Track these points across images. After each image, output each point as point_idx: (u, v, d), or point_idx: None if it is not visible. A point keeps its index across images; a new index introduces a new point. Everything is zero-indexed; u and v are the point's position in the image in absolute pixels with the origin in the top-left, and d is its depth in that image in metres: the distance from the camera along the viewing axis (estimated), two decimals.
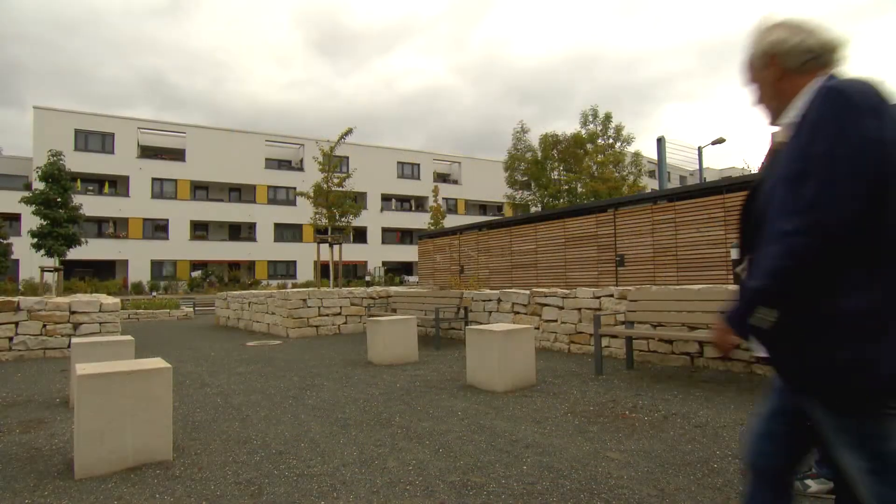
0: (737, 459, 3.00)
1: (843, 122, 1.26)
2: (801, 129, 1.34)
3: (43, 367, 6.89)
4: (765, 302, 1.32)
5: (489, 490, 2.66)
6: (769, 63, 1.52)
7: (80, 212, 20.31)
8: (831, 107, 1.29)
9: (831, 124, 1.27)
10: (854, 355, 1.25)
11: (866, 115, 1.25)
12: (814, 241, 1.24)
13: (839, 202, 1.22)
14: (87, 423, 2.96)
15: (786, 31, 1.49)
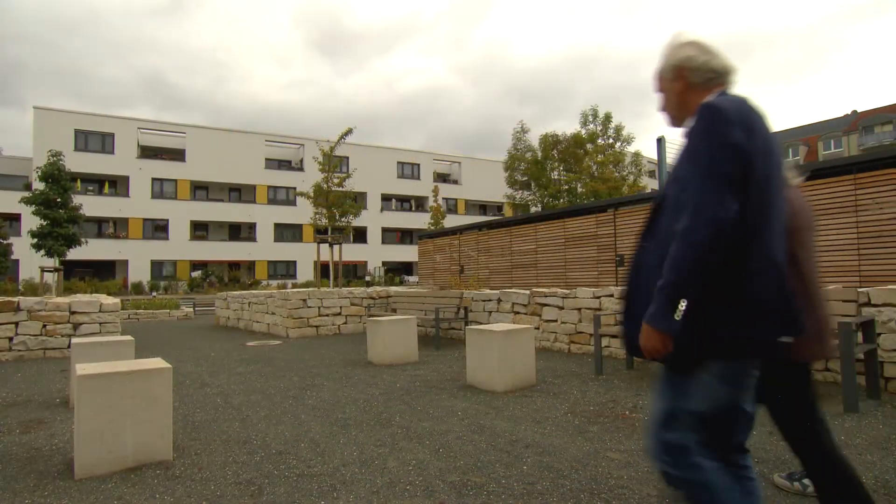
0: None
1: (716, 132, 1.47)
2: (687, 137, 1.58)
3: (43, 367, 6.89)
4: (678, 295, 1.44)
5: (489, 490, 2.66)
6: (678, 76, 1.71)
7: (80, 212, 20.30)
8: (708, 119, 1.51)
9: (707, 134, 1.49)
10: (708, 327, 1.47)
11: (735, 126, 1.47)
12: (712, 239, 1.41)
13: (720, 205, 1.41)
14: (87, 423, 2.96)
15: (695, 49, 1.69)
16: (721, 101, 1.54)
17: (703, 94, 1.65)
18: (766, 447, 3.20)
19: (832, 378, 4.79)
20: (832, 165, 9.28)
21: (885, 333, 4.44)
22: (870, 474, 2.74)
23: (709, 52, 1.69)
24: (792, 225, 1.91)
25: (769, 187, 1.51)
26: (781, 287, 1.52)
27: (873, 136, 47.37)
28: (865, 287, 4.79)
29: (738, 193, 1.44)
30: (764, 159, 1.50)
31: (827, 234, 8.67)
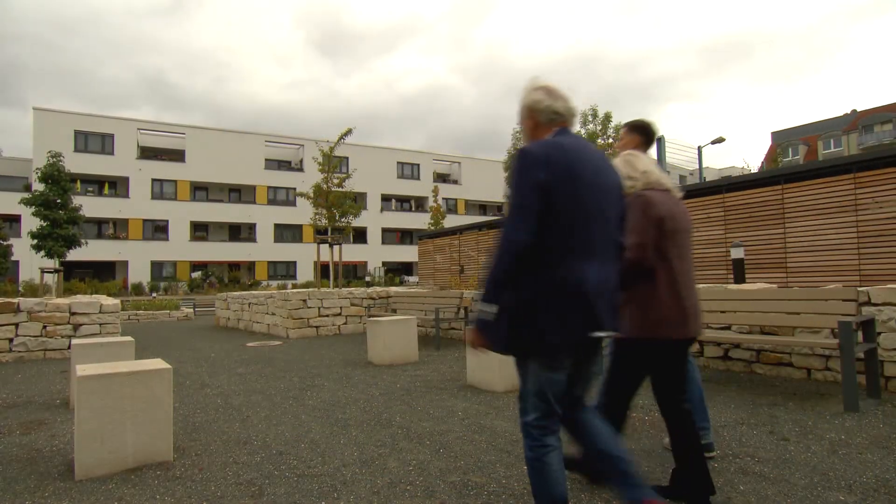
0: (737, 459, 3.00)
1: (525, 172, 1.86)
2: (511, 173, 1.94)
3: (43, 368, 6.89)
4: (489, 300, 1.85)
5: (490, 490, 2.66)
6: (529, 116, 2.09)
7: (79, 213, 20.30)
8: (521, 162, 1.90)
9: (519, 174, 1.87)
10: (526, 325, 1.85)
11: (540, 168, 1.84)
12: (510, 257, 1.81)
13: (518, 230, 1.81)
14: (87, 424, 2.96)
15: (543, 94, 2.05)
16: (532, 147, 1.92)
17: (548, 130, 2.03)
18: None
19: (832, 377, 4.79)
20: (832, 165, 9.29)
21: (885, 332, 4.44)
22: (870, 473, 2.74)
23: (554, 97, 2.06)
24: (665, 228, 2.37)
25: (574, 212, 1.87)
26: (586, 292, 1.85)
27: (873, 135, 47.36)
28: (865, 286, 4.80)
29: (538, 221, 1.82)
30: (569, 191, 1.86)
31: (827, 234, 8.67)
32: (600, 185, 1.96)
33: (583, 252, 1.88)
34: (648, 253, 2.35)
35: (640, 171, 2.53)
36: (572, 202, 1.87)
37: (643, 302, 2.36)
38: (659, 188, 2.50)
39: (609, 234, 1.98)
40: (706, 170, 36.32)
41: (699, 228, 10.48)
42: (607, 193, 1.99)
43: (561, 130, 2.03)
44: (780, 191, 9.27)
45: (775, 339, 4.48)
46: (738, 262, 7.94)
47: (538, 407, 1.95)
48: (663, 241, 2.38)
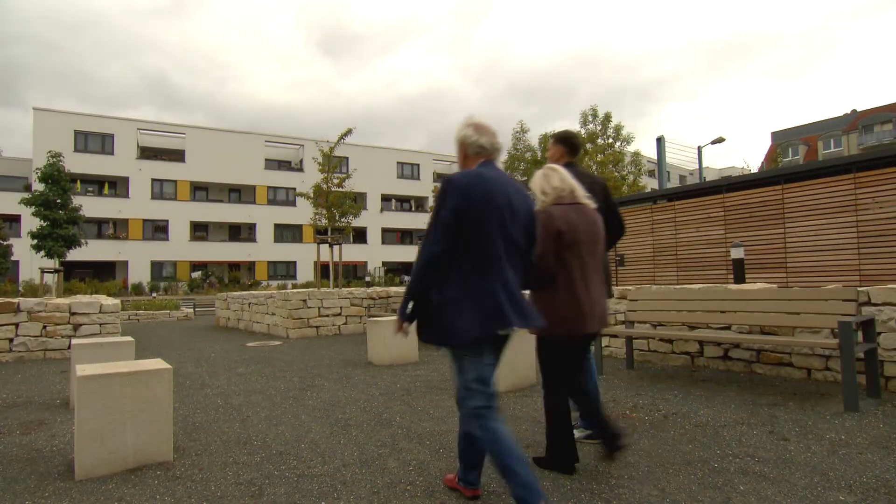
0: (737, 459, 3.00)
1: (445, 197, 2.27)
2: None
3: (43, 368, 6.89)
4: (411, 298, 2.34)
5: (489, 490, 2.66)
6: (460, 148, 2.51)
7: (79, 213, 20.30)
8: (444, 188, 2.31)
9: (441, 198, 2.29)
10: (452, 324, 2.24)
11: (457, 194, 2.26)
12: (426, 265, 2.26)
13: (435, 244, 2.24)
14: (87, 424, 2.96)
15: (472, 130, 2.46)
16: (455, 176, 2.34)
17: (475, 161, 2.45)
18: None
19: (832, 377, 4.79)
20: (832, 165, 9.29)
21: (885, 332, 4.44)
22: (870, 474, 2.74)
23: (481, 133, 2.45)
24: (565, 240, 2.73)
25: (489, 231, 2.28)
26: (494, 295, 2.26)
27: (873, 135, 47.35)
28: (865, 286, 4.80)
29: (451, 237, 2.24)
30: (479, 214, 2.26)
31: (827, 234, 8.67)
32: (512, 208, 2.36)
33: (494, 263, 2.30)
34: (548, 261, 2.73)
35: (551, 187, 2.87)
36: (486, 223, 2.29)
37: (545, 303, 2.75)
38: (568, 202, 2.84)
39: (517, 249, 2.40)
40: (706, 170, 36.33)
41: (699, 228, 10.47)
42: (518, 215, 2.39)
43: (485, 162, 2.44)
44: (780, 191, 9.27)
45: (775, 339, 4.48)
46: (738, 261, 7.94)
47: (481, 391, 2.34)
48: (563, 251, 2.74)
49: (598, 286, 2.85)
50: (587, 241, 2.80)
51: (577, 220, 2.80)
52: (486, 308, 2.24)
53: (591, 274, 2.81)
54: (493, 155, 2.48)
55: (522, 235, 2.42)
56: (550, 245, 2.73)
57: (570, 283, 2.74)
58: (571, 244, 2.75)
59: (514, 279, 2.36)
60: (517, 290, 2.35)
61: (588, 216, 2.86)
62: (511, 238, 2.35)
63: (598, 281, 2.86)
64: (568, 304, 2.73)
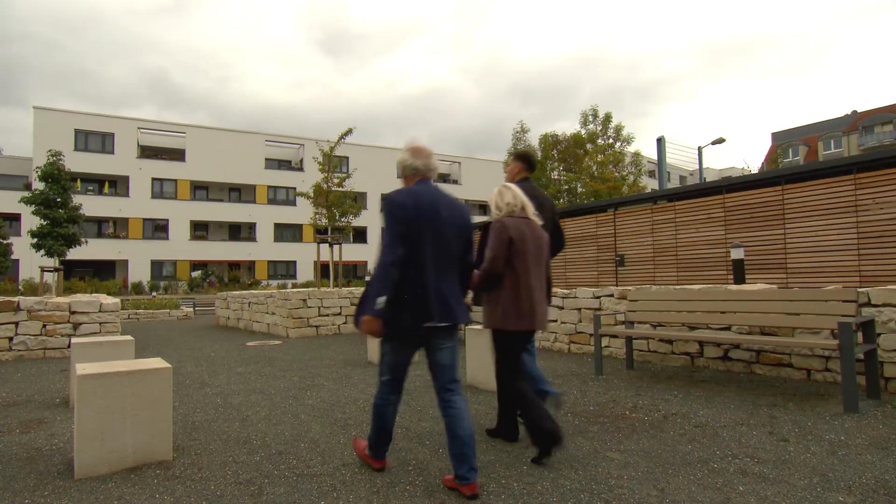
0: (737, 459, 3.00)
1: (390, 211, 2.67)
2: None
3: (43, 367, 6.89)
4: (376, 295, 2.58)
5: (489, 490, 2.66)
6: (401, 170, 2.91)
7: (79, 212, 20.29)
8: (387, 204, 2.70)
9: (386, 212, 2.68)
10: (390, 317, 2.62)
11: (398, 208, 2.66)
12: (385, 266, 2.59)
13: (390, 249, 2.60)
14: (87, 423, 2.96)
15: (409, 154, 2.86)
16: (394, 194, 2.73)
17: (412, 180, 2.86)
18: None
19: (832, 378, 4.79)
20: (832, 166, 9.29)
21: (884, 333, 4.44)
22: (869, 474, 2.74)
23: (415, 156, 2.85)
24: (514, 247, 3.10)
25: (422, 239, 2.66)
26: (424, 294, 2.64)
27: (873, 136, 47.34)
28: (865, 287, 4.79)
29: (402, 244, 2.62)
30: (417, 225, 2.65)
31: (827, 234, 8.67)
32: (445, 219, 2.74)
33: (426, 266, 2.67)
34: (500, 265, 3.10)
35: (505, 203, 3.29)
36: (420, 232, 2.67)
37: (494, 301, 3.15)
38: (518, 216, 3.24)
39: (450, 254, 2.77)
40: (706, 170, 36.33)
41: (699, 229, 10.47)
42: (451, 226, 2.76)
43: (420, 181, 2.85)
44: (781, 191, 9.27)
45: (775, 340, 4.48)
46: (738, 262, 7.94)
47: (390, 372, 2.85)
48: (512, 257, 3.11)
49: (539, 291, 3.22)
50: (533, 251, 3.19)
51: (527, 231, 3.19)
52: (416, 305, 2.65)
53: (534, 280, 3.18)
54: (428, 174, 2.89)
55: (456, 243, 2.81)
56: (502, 251, 3.11)
57: (515, 285, 3.12)
58: (520, 252, 3.13)
59: (446, 280, 2.75)
60: (447, 290, 2.73)
61: (535, 230, 3.27)
62: (442, 245, 2.74)
63: (540, 287, 3.23)
64: (511, 302, 3.11)
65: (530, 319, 3.12)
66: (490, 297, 3.19)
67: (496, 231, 3.14)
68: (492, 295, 3.17)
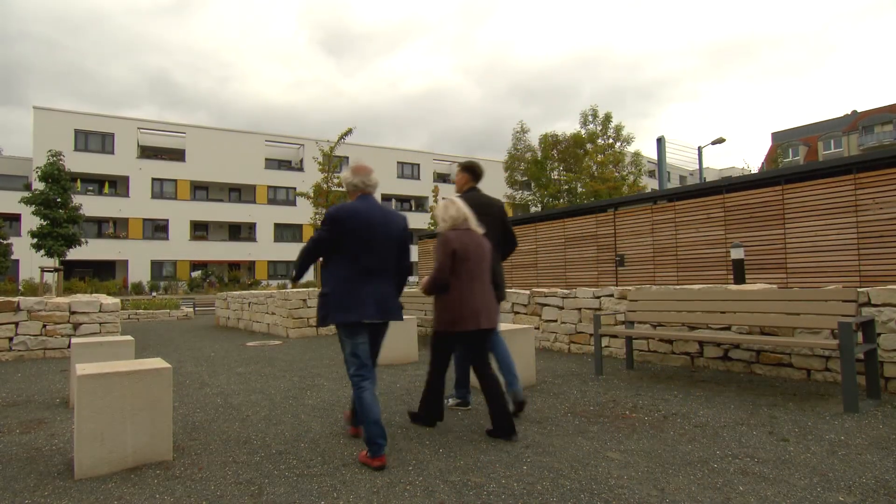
0: (737, 459, 3.00)
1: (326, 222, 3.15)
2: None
3: (43, 367, 6.89)
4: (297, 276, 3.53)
5: (489, 490, 2.66)
6: (345, 186, 3.39)
7: (79, 212, 20.31)
8: (326, 217, 3.18)
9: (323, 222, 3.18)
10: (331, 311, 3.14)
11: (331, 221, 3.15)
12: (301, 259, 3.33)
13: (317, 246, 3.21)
14: (87, 423, 2.96)
15: (349, 173, 3.32)
16: (332, 209, 3.20)
17: (354, 196, 3.32)
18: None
19: (832, 378, 4.79)
20: (832, 166, 9.29)
21: (885, 333, 4.44)
22: (869, 474, 2.74)
23: (355, 174, 3.30)
24: (458, 257, 3.46)
25: (358, 247, 3.14)
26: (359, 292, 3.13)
27: (873, 135, 47.34)
28: (865, 287, 4.79)
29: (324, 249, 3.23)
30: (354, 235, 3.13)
31: (827, 234, 8.67)
32: (380, 230, 3.20)
33: (362, 270, 3.15)
34: (445, 274, 3.46)
35: (449, 216, 3.60)
36: (356, 241, 3.14)
37: (442, 305, 3.52)
38: (461, 228, 3.59)
39: (385, 261, 3.24)
40: (706, 170, 36.34)
41: (699, 229, 10.47)
42: (387, 236, 3.23)
43: (360, 197, 3.29)
44: (781, 191, 9.27)
45: (775, 340, 4.48)
46: (738, 262, 7.94)
47: (356, 363, 3.18)
48: (456, 266, 3.47)
49: (485, 293, 3.61)
50: (475, 258, 3.57)
51: (469, 242, 3.55)
52: (352, 301, 3.11)
53: (478, 284, 3.56)
54: (368, 190, 3.31)
55: (392, 250, 3.27)
56: (447, 261, 3.47)
57: (460, 289, 3.48)
58: (463, 260, 3.50)
59: (382, 282, 3.22)
60: (382, 290, 3.20)
61: (476, 239, 3.63)
62: (377, 252, 3.19)
63: (485, 289, 3.62)
64: (459, 307, 3.46)
65: (476, 321, 3.49)
66: (439, 301, 3.56)
67: (441, 244, 3.52)
68: (440, 299, 3.54)
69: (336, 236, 3.14)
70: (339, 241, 3.14)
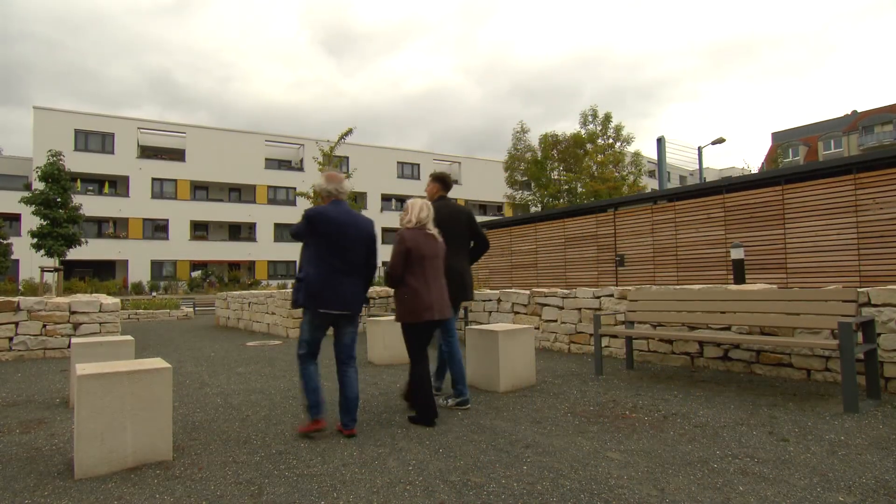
0: (737, 459, 3.00)
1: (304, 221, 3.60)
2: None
3: (43, 367, 6.89)
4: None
5: (489, 490, 2.66)
6: (321, 192, 3.78)
7: (79, 212, 20.29)
8: (304, 216, 3.62)
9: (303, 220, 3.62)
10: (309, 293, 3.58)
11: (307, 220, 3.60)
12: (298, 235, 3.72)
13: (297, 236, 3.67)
14: (86, 423, 2.96)
15: (324, 180, 3.74)
16: (309, 210, 3.64)
17: (327, 201, 3.75)
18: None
19: (832, 378, 4.79)
20: (832, 166, 9.29)
21: (885, 333, 4.44)
22: (869, 475, 2.74)
23: (329, 182, 3.74)
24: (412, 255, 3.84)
25: (328, 245, 3.60)
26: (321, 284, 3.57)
27: (873, 136, 47.35)
28: (865, 287, 4.79)
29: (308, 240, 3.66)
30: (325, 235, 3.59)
31: (827, 234, 8.67)
32: (349, 232, 3.65)
33: (331, 268, 3.60)
34: (398, 270, 3.86)
35: (407, 219, 3.97)
36: (326, 240, 3.60)
37: (399, 299, 3.92)
38: (418, 229, 3.93)
39: (352, 260, 3.66)
40: (706, 170, 36.35)
41: (699, 229, 10.47)
42: (356, 238, 3.68)
43: (333, 202, 3.72)
44: (781, 191, 9.27)
45: (775, 340, 4.47)
46: (738, 262, 7.94)
47: (306, 347, 3.73)
48: (410, 263, 3.85)
49: (439, 289, 3.96)
50: (429, 255, 3.92)
51: (423, 241, 3.90)
52: (314, 291, 3.56)
53: (431, 280, 3.91)
54: (339, 196, 3.75)
55: (360, 251, 3.71)
56: (399, 258, 3.85)
57: (414, 285, 3.86)
58: (417, 258, 3.86)
59: (349, 279, 3.65)
60: (348, 286, 3.64)
61: (430, 239, 3.96)
62: (344, 251, 3.63)
63: (439, 285, 3.97)
64: (412, 299, 3.84)
65: (430, 313, 3.86)
66: (397, 296, 3.94)
67: (396, 242, 3.91)
68: (397, 293, 3.93)
69: (309, 234, 3.61)
70: (312, 239, 3.62)
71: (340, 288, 3.59)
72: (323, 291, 3.54)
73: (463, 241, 4.59)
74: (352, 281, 3.66)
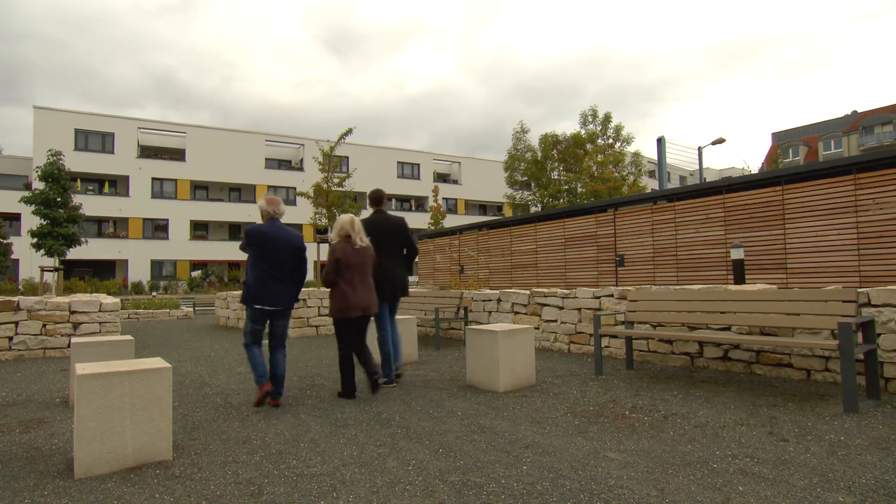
0: (736, 459, 3.00)
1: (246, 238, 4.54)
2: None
3: (43, 366, 6.89)
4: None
5: (489, 490, 2.66)
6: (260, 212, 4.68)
7: (79, 211, 20.29)
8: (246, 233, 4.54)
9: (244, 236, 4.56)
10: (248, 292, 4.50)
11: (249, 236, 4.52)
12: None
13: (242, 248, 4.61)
14: (86, 422, 2.96)
15: (263, 202, 4.65)
16: (249, 228, 4.51)
17: (266, 219, 4.58)
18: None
19: (832, 378, 4.79)
20: (832, 166, 9.28)
21: (884, 334, 4.44)
22: (869, 475, 2.74)
23: (268, 204, 4.61)
24: (341, 264, 4.67)
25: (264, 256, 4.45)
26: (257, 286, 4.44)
27: (873, 136, 47.35)
28: (865, 287, 4.79)
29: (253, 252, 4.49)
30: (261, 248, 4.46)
31: (827, 234, 8.67)
32: (279, 244, 4.48)
33: (263, 271, 4.44)
34: (331, 277, 4.70)
35: (335, 234, 4.82)
36: (261, 251, 4.45)
37: (332, 298, 4.75)
38: (346, 242, 4.75)
39: (280, 268, 4.48)
40: (706, 170, 36.35)
41: (699, 229, 10.47)
42: (286, 249, 4.50)
43: (270, 221, 4.57)
44: (781, 191, 9.27)
45: (775, 340, 4.48)
46: (738, 262, 7.94)
47: (251, 337, 4.50)
48: (340, 270, 4.70)
49: (366, 290, 4.79)
50: (356, 264, 4.75)
51: (350, 252, 4.72)
52: (258, 294, 4.42)
53: (358, 283, 4.74)
54: (275, 216, 4.60)
55: (287, 261, 4.50)
56: (331, 267, 4.68)
57: (342, 288, 4.70)
58: (345, 266, 4.70)
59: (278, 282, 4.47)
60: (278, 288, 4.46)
61: (358, 250, 4.77)
62: (275, 261, 4.46)
63: (366, 286, 4.79)
64: (341, 299, 4.69)
65: (357, 310, 4.70)
66: (331, 296, 4.76)
67: (329, 253, 4.74)
68: (332, 294, 4.74)
69: (247, 246, 4.48)
70: (250, 250, 4.46)
71: (272, 288, 4.43)
72: (258, 291, 4.40)
73: (394, 247, 5.44)
74: (282, 283, 4.50)
